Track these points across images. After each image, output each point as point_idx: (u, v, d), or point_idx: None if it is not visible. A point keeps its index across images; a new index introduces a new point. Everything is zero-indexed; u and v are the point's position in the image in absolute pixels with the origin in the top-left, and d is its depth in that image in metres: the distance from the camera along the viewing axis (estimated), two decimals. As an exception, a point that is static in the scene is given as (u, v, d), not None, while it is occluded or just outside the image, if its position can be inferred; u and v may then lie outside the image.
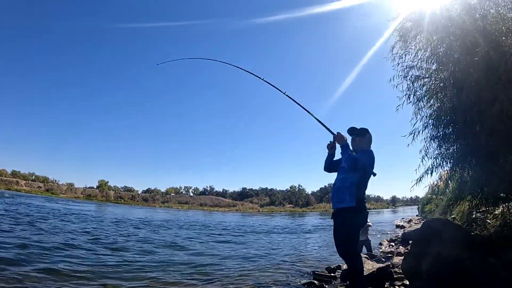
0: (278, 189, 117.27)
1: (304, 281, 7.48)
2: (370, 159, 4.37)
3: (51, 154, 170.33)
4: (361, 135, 4.59)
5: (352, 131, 4.68)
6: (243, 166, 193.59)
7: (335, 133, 4.51)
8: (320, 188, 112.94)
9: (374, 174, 4.41)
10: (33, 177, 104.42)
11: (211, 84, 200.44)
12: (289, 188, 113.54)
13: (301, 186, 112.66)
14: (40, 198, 58.07)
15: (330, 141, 4.75)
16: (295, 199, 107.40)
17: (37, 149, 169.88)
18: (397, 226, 21.21)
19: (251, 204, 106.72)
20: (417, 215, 31.02)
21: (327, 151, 4.87)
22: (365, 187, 4.41)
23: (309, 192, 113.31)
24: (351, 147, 4.48)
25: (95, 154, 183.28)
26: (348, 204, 4.23)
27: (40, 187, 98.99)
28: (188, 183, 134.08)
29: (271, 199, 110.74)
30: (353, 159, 4.24)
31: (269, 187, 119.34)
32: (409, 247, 8.97)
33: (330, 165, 4.89)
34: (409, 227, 17.60)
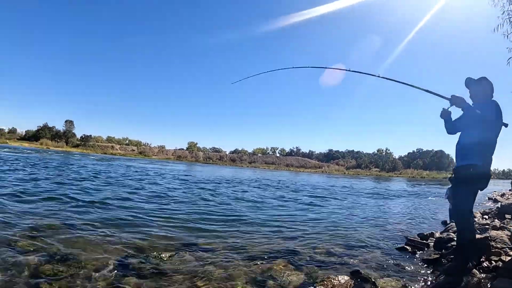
0: (364, 152, 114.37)
1: (397, 245, 7.54)
2: (493, 110, 4.01)
3: (142, 119, 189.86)
4: (479, 84, 4.32)
5: (469, 82, 4.44)
6: (329, 127, 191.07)
7: (449, 97, 4.28)
8: (408, 153, 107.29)
9: (506, 125, 4.14)
10: (127, 141, 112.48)
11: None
12: (376, 152, 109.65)
13: (389, 150, 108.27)
14: (140, 160, 64.81)
15: (444, 108, 4.56)
16: (381, 163, 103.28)
17: (130, 115, 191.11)
18: (489, 199, 19.58)
19: (337, 166, 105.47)
20: (510, 190, 27.86)
21: (443, 118, 4.63)
22: (492, 145, 4.08)
23: (396, 157, 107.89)
24: (471, 102, 4.24)
25: (185, 117, 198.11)
26: (470, 162, 4.04)
27: (134, 150, 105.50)
28: (275, 143, 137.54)
29: (357, 162, 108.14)
30: (475, 115, 3.96)
31: (355, 150, 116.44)
32: (505, 221, 8.57)
33: (452, 127, 4.67)
34: (506, 200, 16.21)
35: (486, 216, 10.63)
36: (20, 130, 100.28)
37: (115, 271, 5.29)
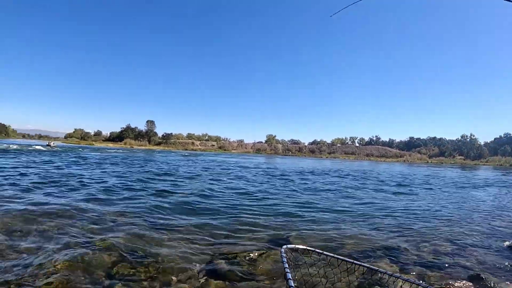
0: (447, 139, 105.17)
1: (507, 243, 6.68)
2: None
3: (221, 114, 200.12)
4: None
5: None
6: (410, 114, 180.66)
7: None
8: (495, 139, 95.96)
9: None
10: (206, 137, 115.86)
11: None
12: (459, 138, 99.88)
13: (473, 136, 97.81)
14: (221, 155, 66.58)
15: None
16: (466, 150, 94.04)
17: (209, 111, 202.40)
18: None
19: (419, 155, 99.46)
20: None
21: None
22: None
23: (482, 143, 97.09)
24: None
25: (263, 111, 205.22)
26: None
27: (213, 145, 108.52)
28: (354, 133, 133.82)
29: (440, 150, 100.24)
30: None
31: (437, 136, 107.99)
32: None
33: None
34: None
35: None
36: (105, 132, 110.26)
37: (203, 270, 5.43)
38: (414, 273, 5.03)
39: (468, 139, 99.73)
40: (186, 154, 67.45)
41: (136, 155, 48.69)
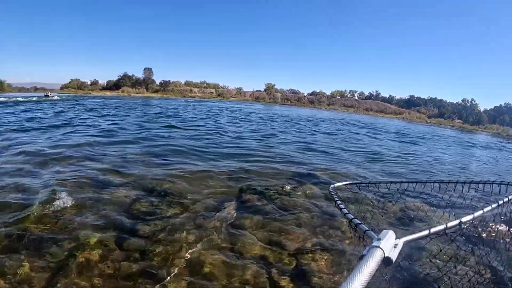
0: (448, 101, 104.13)
1: None
2: None
3: (219, 62, 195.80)
4: None
5: None
6: (411, 71, 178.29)
7: None
8: (495, 107, 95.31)
9: None
10: (205, 84, 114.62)
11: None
12: (460, 101, 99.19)
13: (474, 101, 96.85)
14: (217, 102, 65.55)
15: None
16: (465, 114, 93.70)
17: (207, 58, 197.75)
18: None
19: (418, 114, 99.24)
20: None
21: None
22: None
23: (482, 110, 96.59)
24: None
25: (262, 60, 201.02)
26: None
27: (212, 92, 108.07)
28: (354, 86, 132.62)
29: (439, 111, 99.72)
30: None
31: (438, 97, 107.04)
32: None
33: None
34: None
35: None
36: (101, 81, 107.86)
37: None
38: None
39: (468, 104, 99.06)
40: (191, 100, 67.45)
41: (136, 101, 48.18)
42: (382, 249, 1.10)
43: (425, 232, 1.51)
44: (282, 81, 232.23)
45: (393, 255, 1.14)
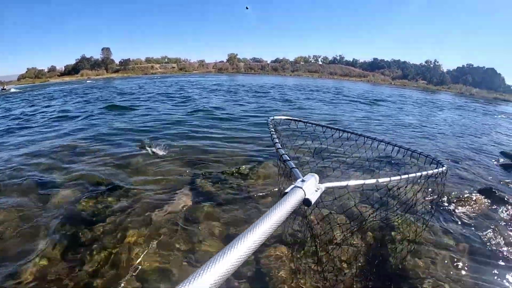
0: (411, 63, 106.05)
1: (500, 161, 6.85)
2: None
3: (179, 37, 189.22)
4: None
5: None
6: (373, 34, 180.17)
7: None
8: (457, 68, 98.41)
9: None
10: (166, 60, 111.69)
11: None
12: (423, 63, 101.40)
13: (437, 62, 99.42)
14: (181, 77, 63.69)
15: None
16: (429, 76, 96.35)
17: (167, 34, 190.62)
18: None
19: (382, 76, 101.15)
20: None
21: None
22: None
23: (445, 70, 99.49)
24: None
25: (222, 30, 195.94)
26: None
27: (174, 67, 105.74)
28: (317, 51, 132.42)
29: (403, 73, 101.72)
30: None
31: (401, 60, 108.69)
32: None
33: None
34: None
35: None
36: (59, 67, 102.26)
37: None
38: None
39: (432, 65, 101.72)
40: (158, 77, 65.49)
41: (98, 84, 45.78)
42: (304, 190, 1.17)
43: (344, 183, 1.65)
44: (244, 51, 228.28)
45: (313, 198, 1.21)
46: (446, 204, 4.60)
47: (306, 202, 1.17)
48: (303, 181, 1.22)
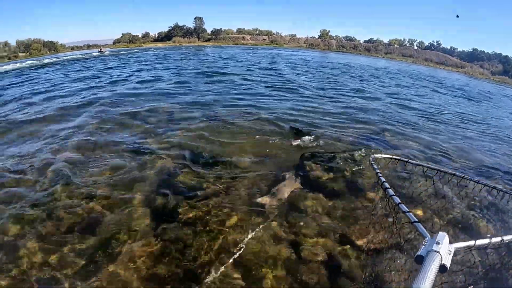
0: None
1: None
2: None
3: (271, 8, 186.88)
4: None
5: None
6: (476, 20, 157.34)
7: None
8: None
9: None
10: (257, 31, 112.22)
11: None
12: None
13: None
14: (274, 50, 62.52)
15: None
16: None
17: (259, 5, 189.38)
18: None
19: (481, 69, 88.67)
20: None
21: None
22: None
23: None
24: None
25: (316, 4, 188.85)
26: None
27: (265, 39, 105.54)
28: (412, 35, 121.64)
29: (504, 68, 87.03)
30: None
31: (503, 53, 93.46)
32: None
33: None
34: None
35: None
36: (152, 33, 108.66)
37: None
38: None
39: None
40: (251, 48, 65.92)
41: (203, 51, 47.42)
42: (441, 254, 1.07)
43: (472, 242, 1.46)
44: (338, 27, 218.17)
45: (448, 262, 1.10)
46: None
47: (442, 269, 1.06)
48: (438, 243, 1.12)
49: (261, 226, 3.53)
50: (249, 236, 3.38)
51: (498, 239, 1.65)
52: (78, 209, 3.81)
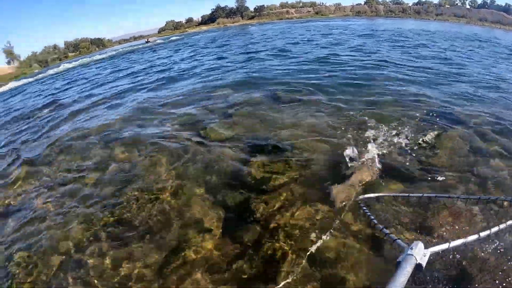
0: None
1: None
2: None
3: None
4: None
5: None
6: None
7: None
8: None
9: None
10: (301, 4, 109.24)
11: None
12: None
13: None
14: (323, 21, 58.23)
15: None
16: None
17: None
18: None
19: (540, 25, 78.58)
20: None
21: None
22: None
23: None
24: None
25: None
26: None
27: (309, 11, 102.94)
28: None
29: None
30: None
31: None
32: None
33: None
34: None
35: None
36: (195, 18, 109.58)
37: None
38: None
39: None
40: (293, 22, 63.61)
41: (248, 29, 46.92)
42: (415, 256, 1.27)
43: (445, 245, 1.59)
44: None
45: (423, 262, 1.28)
46: None
47: (418, 267, 1.25)
48: (411, 248, 1.30)
49: (336, 221, 3.28)
50: (326, 232, 3.16)
51: (474, 237, 1.74)
52: (146, 209, 3.86)
